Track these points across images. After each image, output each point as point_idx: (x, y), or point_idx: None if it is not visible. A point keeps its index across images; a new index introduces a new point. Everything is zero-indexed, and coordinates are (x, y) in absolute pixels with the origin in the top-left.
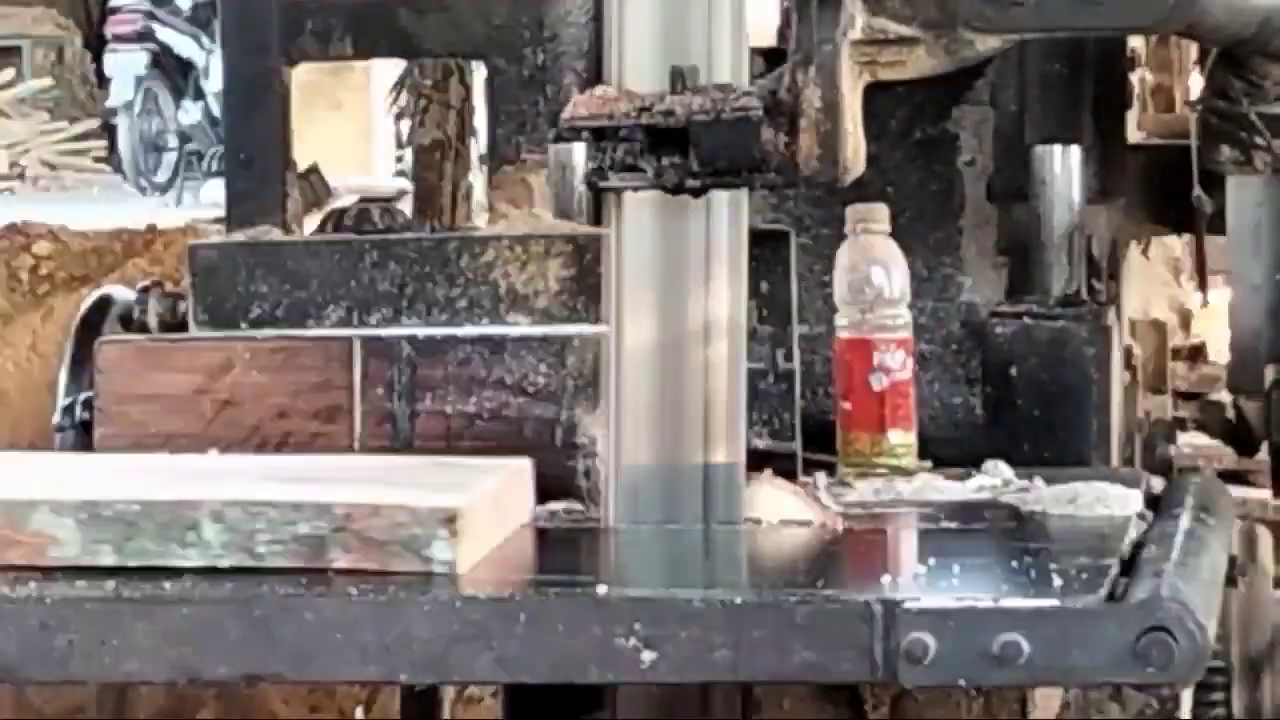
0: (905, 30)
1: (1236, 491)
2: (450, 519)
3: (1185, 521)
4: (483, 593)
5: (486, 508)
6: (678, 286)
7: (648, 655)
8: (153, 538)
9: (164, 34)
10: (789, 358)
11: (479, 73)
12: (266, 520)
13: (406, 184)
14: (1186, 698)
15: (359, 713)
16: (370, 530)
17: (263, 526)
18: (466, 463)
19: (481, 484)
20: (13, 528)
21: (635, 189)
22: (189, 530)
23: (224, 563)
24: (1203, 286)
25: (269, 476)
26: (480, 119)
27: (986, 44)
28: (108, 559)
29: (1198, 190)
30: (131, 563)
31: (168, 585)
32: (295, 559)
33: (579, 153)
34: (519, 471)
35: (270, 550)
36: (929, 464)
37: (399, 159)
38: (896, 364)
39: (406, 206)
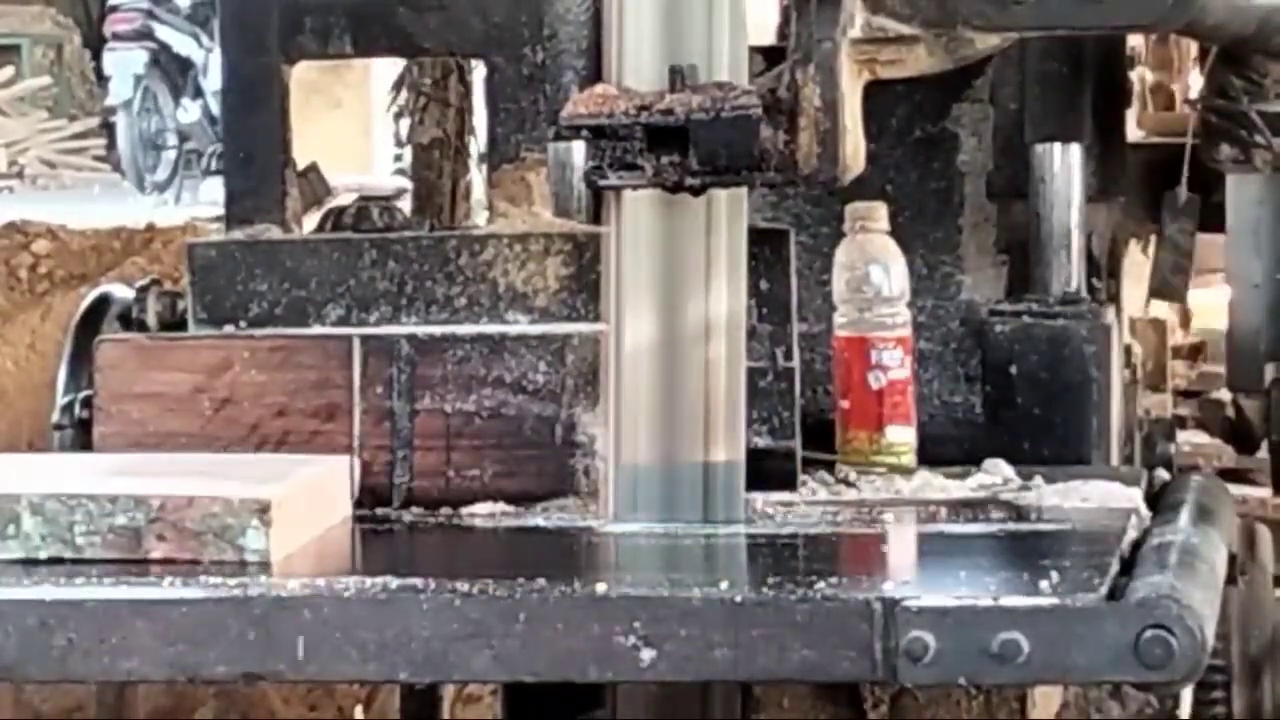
0: (905, 29)
1: (1236, 490)
2: (263, 509)
3: (1185, 520)
4: (481, 590)
5: (301, 499)
6: (677, 285)
7: (647, 654)
8: None
9: (163, 32)
10: (788, 356)
11: (478, 71)
12: (85, 512)
13: (405, 182)
14: (1186, 697)
15: (358, 712)
16: (185, 520)
17: (80, 519)
18: (289, 458)
19: (297, 476)
20: None
21: (634, 187)
22: (9, 523)
23: (43, 554)
24: (1174, 290)
25: (92, 471)
26: (480, 117)
27: (986, 42)
28: None
29: (1182, 189)
30: None
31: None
32: (112, 550)
33: (578, 151)
34: (337, 467)
35: (88, 541)
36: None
37: (398, 157)
38: (895, 362)
39: (406, 205)
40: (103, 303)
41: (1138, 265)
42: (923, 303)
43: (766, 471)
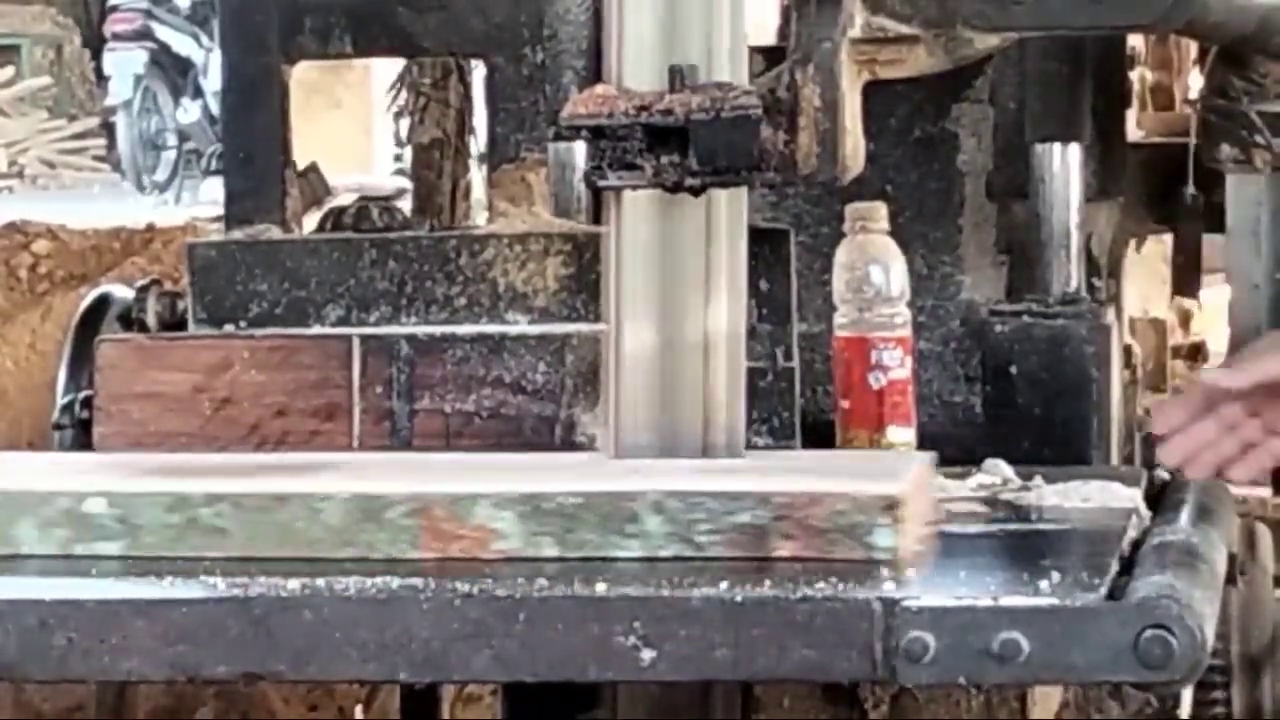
0: (905, 29)
1: (1236, 490)
2: (891, 505)
3: (1185, 520)
4: (481, 590)
5: (919, 495)
6: (677, 285)
7: (647, 654)
8: (594, 529)
9: (163, 32)
10: (788, 356)
11: (478, 71)
12: (706, 510)
13: (405, 182)
14: (1186, 696)
15: (358, 712)
16: (811, 518)
17: (703, 517)
18: (876, 454)
19: (909, 472)
20: (456, 521)
21: (634, 187)
22: (629, 522)
23: (664, 553)
24: (1188, 287)
25: (698, 470)
26: (480, 117)
27: (986, 42)
28: (550, 551)
29: (1191, 188)
30: (573, 555)
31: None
32: (736, 548)
33: (578, 151)
34: (926, 464)
35: (710, 540)
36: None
37: (398, 157)
38: (895, 362)
39: (406, 205)
40: (103, 303)
41: (1138, 265)
42: (923, 303)
43: None
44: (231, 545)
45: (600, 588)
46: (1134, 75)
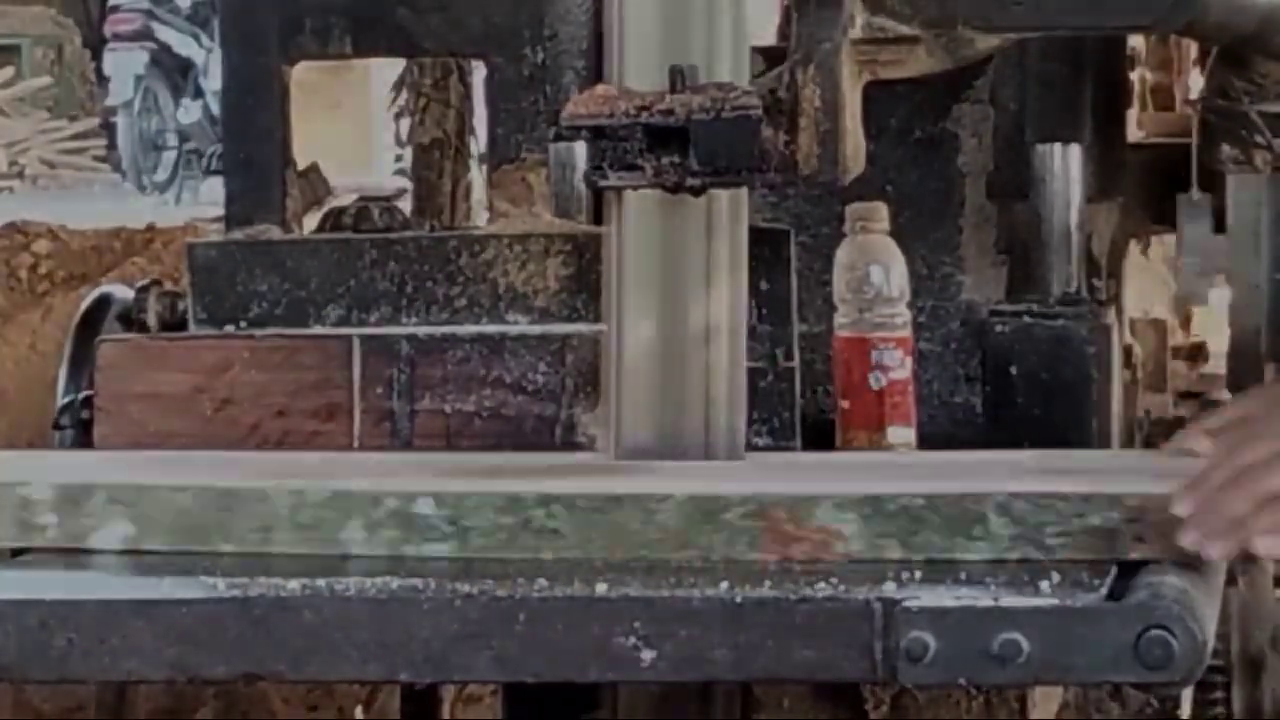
0: (905, 29)
1: None
2: None
3: None
4: (481, 590)
5: None
6: (678, 285)
7: (647, 654)
8: (939, 531)
9: (163, 33)
10: (788, 356)
11: (478, 71)
12: (1056, 512)
13: (405, 182)
14: (1187, 697)
15: (358, 712)
16: (1166, 522)
17: (1052, 519)
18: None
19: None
20: (795, 523)
21: (635, 188)
22: (976, 524)
23: (1012, 555)
24: None
25: (1042, 470)
26: (480, 118)
27: (986, 42)
28: (893, 554)
29: (1195, 190)
30: (917, 557)
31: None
32: (1086, 551)
33: (579, 151)
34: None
35: (1060, 543)
36: None
37: (398, 158)
38: (895, 362)
39: (406, 205)
40: (103, 303)
41: (1138, 266)
42: (923, 303)
43: None
44: (565, 547)
45: (600, 588)
46: (1134, 75)
